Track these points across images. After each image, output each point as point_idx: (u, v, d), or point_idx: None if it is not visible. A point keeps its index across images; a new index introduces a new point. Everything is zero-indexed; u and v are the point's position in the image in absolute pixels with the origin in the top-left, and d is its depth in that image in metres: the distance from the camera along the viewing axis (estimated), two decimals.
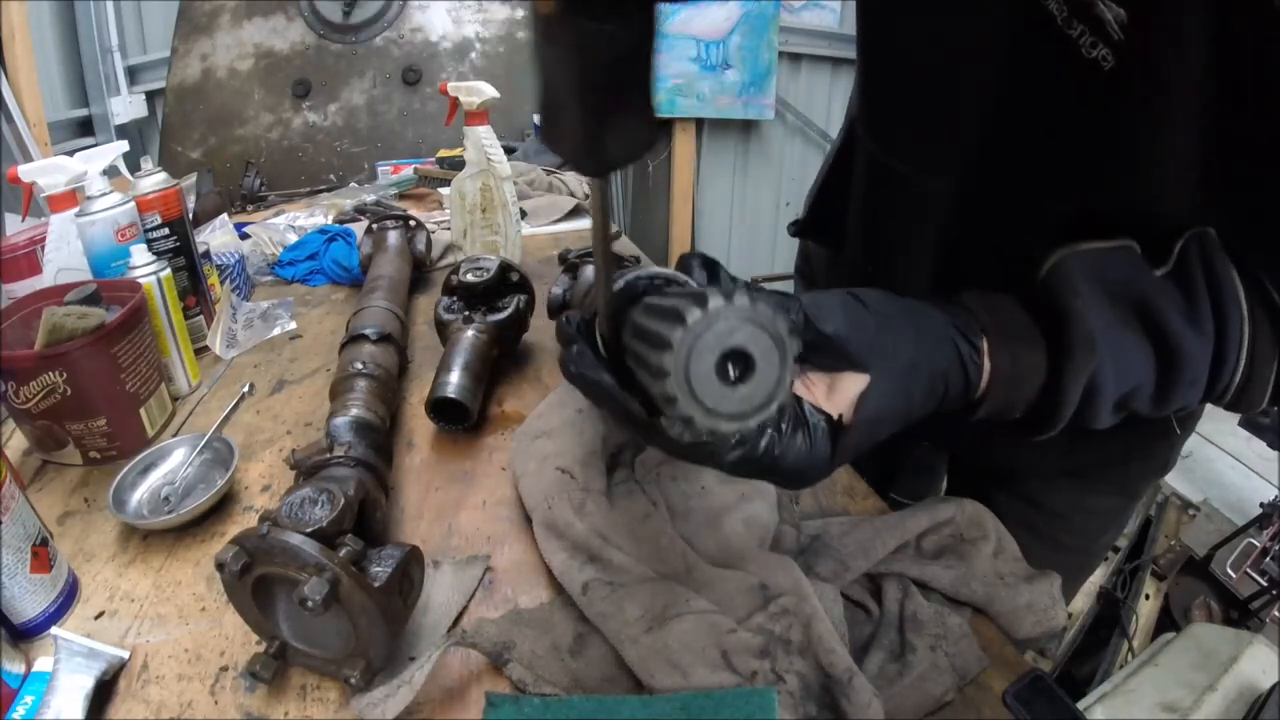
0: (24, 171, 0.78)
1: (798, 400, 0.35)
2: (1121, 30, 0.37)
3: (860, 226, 0.65)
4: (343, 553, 0.41)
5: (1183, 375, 0.41)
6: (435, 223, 1.23)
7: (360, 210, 1.29)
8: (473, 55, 1.97)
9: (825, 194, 0.72)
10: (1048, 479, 0.67)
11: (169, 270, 0.74)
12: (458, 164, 1.33)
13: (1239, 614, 1.37)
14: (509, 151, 1.28)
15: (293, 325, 0.92)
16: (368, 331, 0.69)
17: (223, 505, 0.60)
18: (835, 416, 0.36)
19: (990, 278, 0.44)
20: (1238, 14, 0.34)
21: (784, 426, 0.34)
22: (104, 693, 0.44)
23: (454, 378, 0.67)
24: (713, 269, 0.39)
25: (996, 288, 0.44)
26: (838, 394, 0.37)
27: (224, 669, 0.46)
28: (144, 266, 0.72)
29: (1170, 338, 0.40)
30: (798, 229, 0.77)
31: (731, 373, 0.24)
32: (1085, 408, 0.41)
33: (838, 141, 0.71)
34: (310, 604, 0.37)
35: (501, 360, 0.79)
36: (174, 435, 0.70)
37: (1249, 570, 1.37)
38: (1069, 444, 0.62)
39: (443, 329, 0.75)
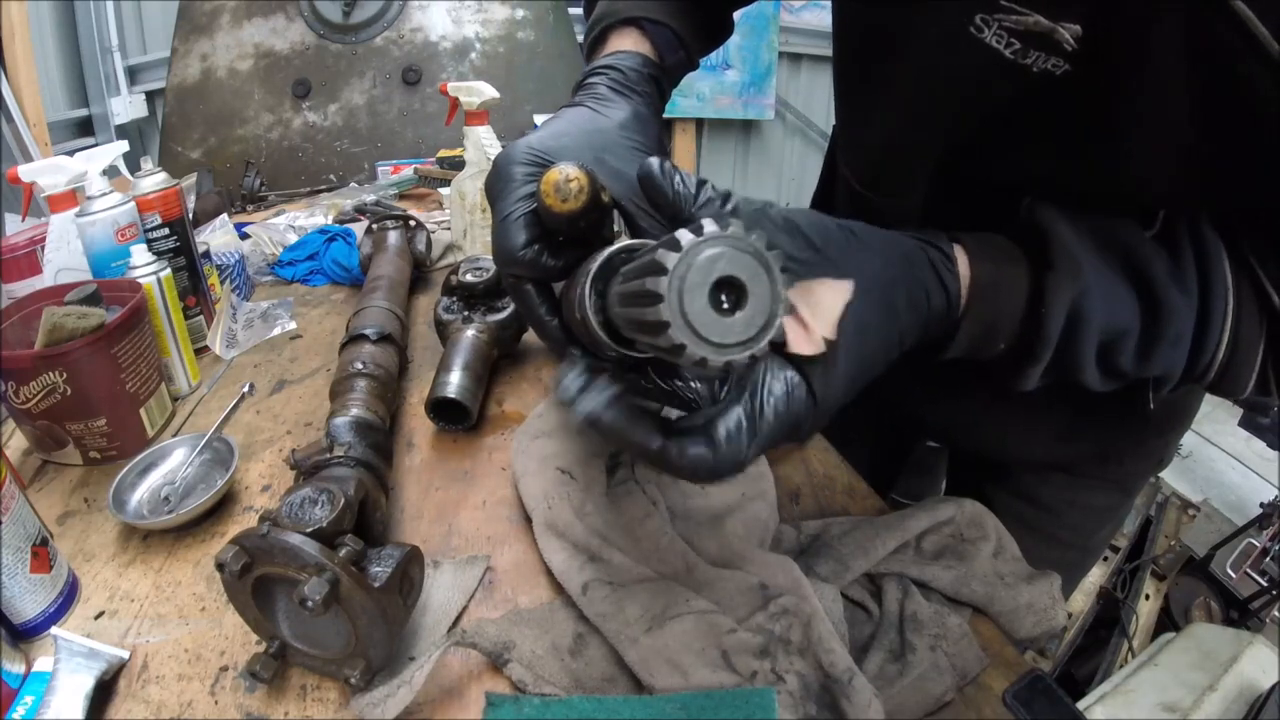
0: (24, 171, 0.78)
1: (782, 354, 0.33)
2: (1076, 41, 0.37)
3: None
4: (343, 553, 0.41)
5: (1168, 329, 0.39)
6: (435, 223, 1.23)
7: (360, 210, 1.29)
8: (473, 55, 1.97)
9: (816, 209, 0.76)
10: (1040, 473, 0.68)
11: (169, 270, 0.74)
12: (458, 164, 1.33)
13: (1239, 614, 1.37)
14: None
15: (293, 325, 0.92)
16: (368, 331, 0.69)
17: (223, 505, 0.60)
18: (826, 339, 0.33)
19: None
20: (1210, 26, 0.33)
21: (767, 387, 0.32)
22: (104, 693, 0.44)
23: (454, 378, 0.67)
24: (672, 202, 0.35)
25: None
26: (819, 310, 0.33)
27: (224, 669, 0.46)
28: (144, 266, 0.72)
29: (1155, 288, 0.39)
30: None
31: (725, 302, 0.25)
32: (1071, 340, 0.39)
33: (825, 160, 0.75)
34: (310, 604, 0.37)
35: (501, 360, 0.79)
36: (174, 435, 0.70)
37: (1249, 570, 1.37)
38: (1059, 433, 0.62)
39: (442, 329, 0.75)
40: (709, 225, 0.24)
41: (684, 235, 0.24)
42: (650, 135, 0.47)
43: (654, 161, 0.34)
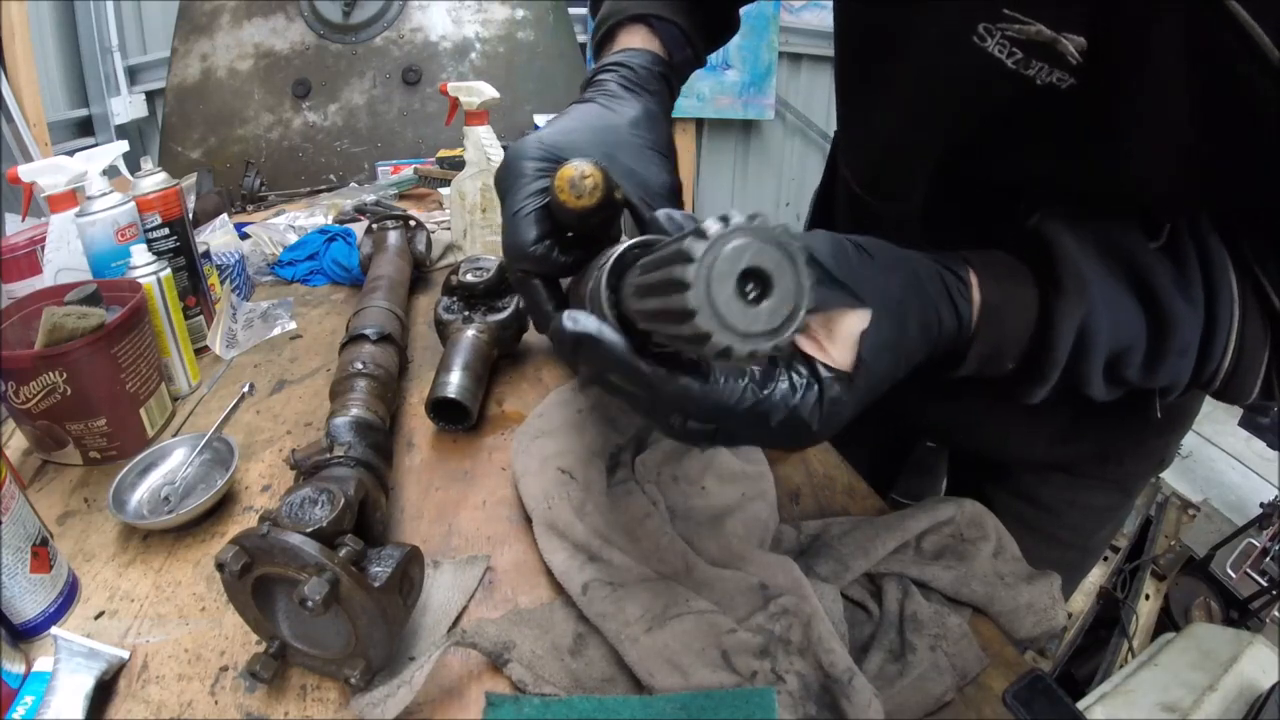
0: (24, 171, 0.78)
1: (806, 359, 0.34)
2: (1080, 54, 0.37)
3: None
4: (343, 553, 0.41)
5: (1173, 341, 0.40)
6: (435, 223, 1.22)
7: (360, 210, 1.28)
8: (473, 55, 1.97)
9: (817, 210, 0.77)
10: (1040, 473, 0.68)
11: (169, 270, 0.74)
12: (458, 164, 1.33)
13: (1239, 614, 1.37)
14: None
15: (293, 325, 0.92)
16: (368, 331, 0.69)
17: (223, 505, 0.60)
18: (842, 365, 0.34)
19: None
20: (1209, 27, 0.33)
21: (798, 384, 0.33)
22: (104, 693, 0.44)
23: (454, 378, 0.67)
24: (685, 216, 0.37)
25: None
26: (838, 337, 0.34)
27: (224, 669, 0.46)
28: (144, 266, 0.72)
29: (1161, 301, 0.39)
30: None
31: (750, 293, 0.25)
32: (1078, 359, 0.40)
33: (827, 162, 0.76)
34: (310, 604, 0.37)
35: (501, 360, 0.79)
36: (174, 435, 0.70)
37: (1249, 570, 1.37)
38: (1060, 433, 0.62)
39: (442, 329, 0.75)
40: (735, 216, 0.24)
41: (711, 225, 0.24)
42: (660, 134, 0.47)
43: (661, 214, 0.34)
